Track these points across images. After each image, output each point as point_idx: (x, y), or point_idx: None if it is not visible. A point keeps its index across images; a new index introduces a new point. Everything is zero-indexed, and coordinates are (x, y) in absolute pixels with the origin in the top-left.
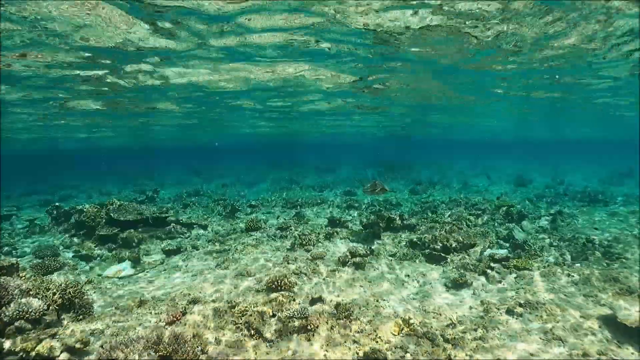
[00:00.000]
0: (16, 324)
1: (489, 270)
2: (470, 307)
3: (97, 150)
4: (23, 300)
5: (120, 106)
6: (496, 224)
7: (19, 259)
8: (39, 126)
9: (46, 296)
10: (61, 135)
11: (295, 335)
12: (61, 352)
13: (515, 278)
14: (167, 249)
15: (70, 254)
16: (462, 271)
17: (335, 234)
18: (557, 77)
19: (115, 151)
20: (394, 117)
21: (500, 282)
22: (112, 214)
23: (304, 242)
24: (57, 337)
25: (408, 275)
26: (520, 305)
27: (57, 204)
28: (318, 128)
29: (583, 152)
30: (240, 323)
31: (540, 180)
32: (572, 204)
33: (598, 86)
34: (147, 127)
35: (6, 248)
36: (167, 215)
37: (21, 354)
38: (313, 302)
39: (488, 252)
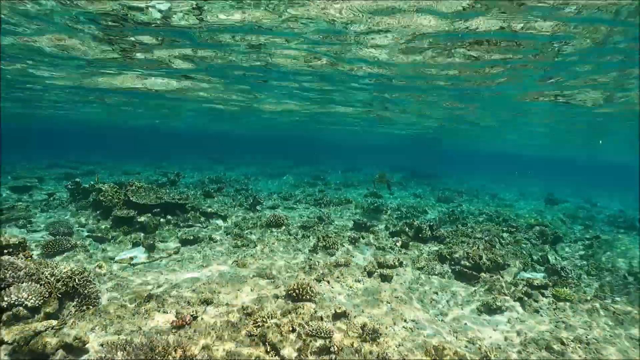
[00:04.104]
0: (14, 310)
1: (525, 297)
2: (506, 339)
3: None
4: (24, 285)
5: None
6: (529, 244)
7: (32, 234)
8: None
9: (49, 282)
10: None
11: (315, 357)
12: (56, 349)
13: (554, 309)
14: (183, 237)
15: (85, 233)
16: (495, 294)
17: (360, 238)
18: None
19: (145, 132)
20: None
21: (537, 311)
22: (130, 196)
23: (328, 245)
24: (55, 330)
25: (437, 293)
26: (562, 342)
27: (77, 179)
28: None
29: (615, 175)
30: (256, 335)
31: (571, 200)
32: (608, 229)
33: None
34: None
35: (21, 221)
36: (186, 202)
37: (14, 345)
38: (336, 316)
39: (523, 275)
